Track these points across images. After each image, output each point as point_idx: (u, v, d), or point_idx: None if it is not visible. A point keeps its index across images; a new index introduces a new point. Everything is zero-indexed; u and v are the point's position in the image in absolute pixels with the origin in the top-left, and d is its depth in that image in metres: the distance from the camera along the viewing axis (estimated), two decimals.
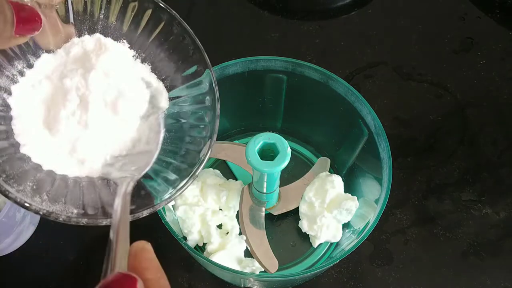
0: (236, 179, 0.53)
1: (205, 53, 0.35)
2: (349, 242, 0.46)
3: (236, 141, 0.56)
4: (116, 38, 0.34)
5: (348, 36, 0.65)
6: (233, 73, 0.47)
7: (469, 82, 0.61)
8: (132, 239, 0.24)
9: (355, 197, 0.48)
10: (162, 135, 0.35)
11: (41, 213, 0.28)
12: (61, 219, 0.28)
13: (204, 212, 0.48)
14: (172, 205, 0.49)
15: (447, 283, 0.49)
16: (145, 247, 0.24)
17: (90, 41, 0.33)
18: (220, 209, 0.50)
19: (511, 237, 0.52)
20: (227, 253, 0.48)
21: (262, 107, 0.53)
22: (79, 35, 0.33)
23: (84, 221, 0.29)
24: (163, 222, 0.40)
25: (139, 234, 0.25)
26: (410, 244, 0.51)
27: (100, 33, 0.34)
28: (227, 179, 0.52)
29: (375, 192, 0.44)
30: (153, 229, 0.50)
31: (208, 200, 0.49)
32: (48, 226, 0.52)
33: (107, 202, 0.30)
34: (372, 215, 0.43)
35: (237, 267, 0.48)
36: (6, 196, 0.27)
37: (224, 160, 0.54)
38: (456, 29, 0.65)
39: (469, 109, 0.59)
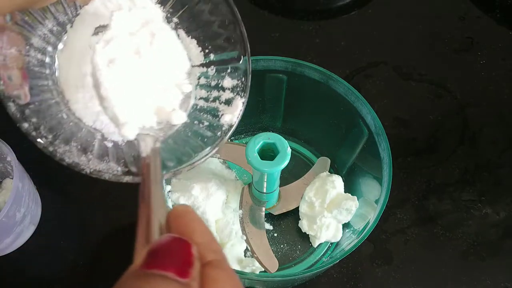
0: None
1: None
2: (349, 242, 0.46)
3: (236, 141, 0.56)
4: None
5: (348, 36, 0.65)
6: None
7: (469, 82, 0.61)
8: (132, 238, 0.23)
9: (355, 197, 0.48)
10: (192, 102, 0.34)
11: (88, 172, 0.28)
12: (106, 176, 0.28)
13: (204, 211, 0.48)
14: (172, 205, 0.49)
15: (447, 283, 0.49)
16: (187, 209, 0.21)
17: None
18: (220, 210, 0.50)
19: (511, 237, 0.52)
20: (227, 253, 0.48)
21: (262, 107, 0.53)
22: None
23: (127, 179, 0.28)
24: None
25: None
26: (410, 244, 0.51)
27: None
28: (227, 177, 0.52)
29: (375, 192, 0.44)
30: None
31: (208, 200, 0.49)
32: (48, 226, 0.52)
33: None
34: (372, 215, 0.43)
35: (237, 267, 0.48)
36: (54, 156, 0.27)
37: (224, 160, 0.54)
38: (456, 29, 0.65)
39: (469, 109, 0.59)
